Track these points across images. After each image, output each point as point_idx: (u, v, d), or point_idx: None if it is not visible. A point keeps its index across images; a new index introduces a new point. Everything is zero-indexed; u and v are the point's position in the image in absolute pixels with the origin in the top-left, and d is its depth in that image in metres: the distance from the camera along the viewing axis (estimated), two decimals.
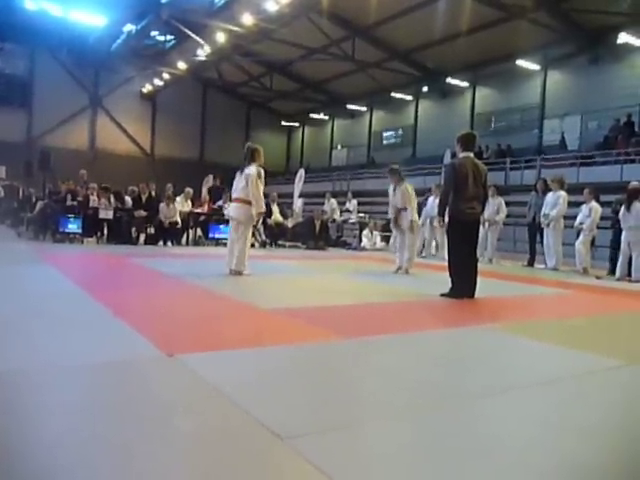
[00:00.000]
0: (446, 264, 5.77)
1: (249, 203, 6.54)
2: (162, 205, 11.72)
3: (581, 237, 9.48)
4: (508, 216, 11.50)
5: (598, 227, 9.68)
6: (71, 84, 27.44)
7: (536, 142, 20.03)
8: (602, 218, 9.65)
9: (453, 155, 18.66)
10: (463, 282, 5.48)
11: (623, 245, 8.55)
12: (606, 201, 10.02)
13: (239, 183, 6.61)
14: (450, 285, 5.56)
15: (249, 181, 6.44)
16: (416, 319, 4.56)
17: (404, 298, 5.60)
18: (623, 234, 8.55)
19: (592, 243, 9.80)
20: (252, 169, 6.51)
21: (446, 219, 5.63)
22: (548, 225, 9.71)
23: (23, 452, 1.70)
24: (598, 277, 8.76)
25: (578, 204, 9.93)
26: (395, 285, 6.61)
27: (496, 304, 5.68)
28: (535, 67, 19.86)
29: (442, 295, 5.50)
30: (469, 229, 5.59)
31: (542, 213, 9.83)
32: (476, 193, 5.55)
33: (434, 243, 12.09)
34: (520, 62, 19.51)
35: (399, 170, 8.19)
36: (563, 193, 9.64)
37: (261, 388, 2.44)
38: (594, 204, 9.43)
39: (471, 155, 5.68)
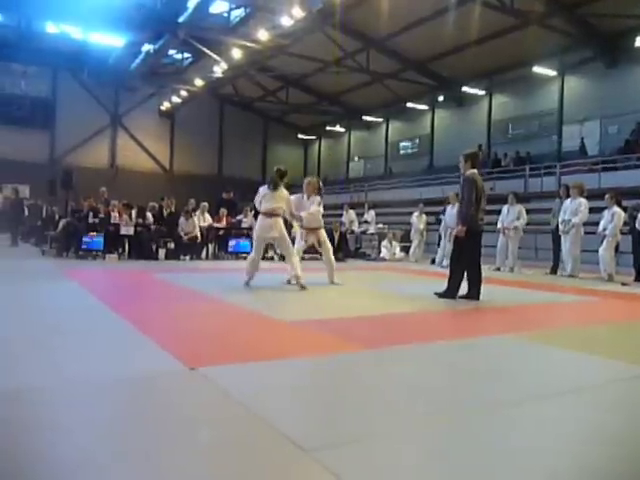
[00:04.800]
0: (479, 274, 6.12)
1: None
2: (181, 220, 11.84)
3: (605, 243, 9.30)
4: (528, 224, 11.33)
5: (621, 232, 9.49)
6: (92, 104, 28.05)
7: (555, 148, 19.83)
8: (625, 223, 9.47)
9: None
10: (472, 284, 6.02)
11: None
12: (629, 206, 9.85)
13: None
14: (447, 286, 6.04)
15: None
16: (437, 329, 4.52)
17: (424, 308, 5.56)
18: None
19: (616, 249, 9.61)
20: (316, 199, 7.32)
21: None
22: (568, 232, 9.56)
23: (48, 468, 1.72)
24: (624, 284, 8.57)
25: (600, 210, 9.77)
26: (415, 295, 6.56)
27: (519, 312, 5.60)
28: (552, 73, 19.71)
29: (436, 294, 6.04)
30: (479, 237, 6.23)
31: (560, 219, 9.68)
32: (484, 205, 6.22)
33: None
34: (536, 68, 19.38)
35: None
36: (584, 200, 9.49)
37: (282, 400, 2.44)
38: (616, 209, 9.26)
39: (476, 171, 6.27)
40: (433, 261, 12.80)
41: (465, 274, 6.08)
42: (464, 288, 6.05)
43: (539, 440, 2.03)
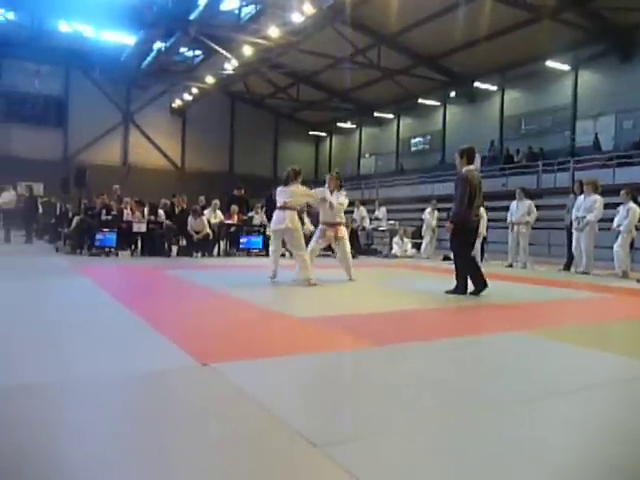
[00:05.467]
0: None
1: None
2: (190, 219, 11.84)
3: (619, 239, 9.20)
4: (538, 220, 11.22)
5: (637, 229, 9.37)
6: (104, 102, 28.26)
7: (569, 144, 19.62)
8: None
9: (482, 160, 18.45)
10: (475, 279, 6.07)
11: None
12: None
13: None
14: (456, 283, 6.09)
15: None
16: (448, 326, 4.50)
17: (435, 305, 5.54)
18: None
19: (631, 245, 9.50)
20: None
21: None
22: (582, 230, 9.45)
23: (57, 466, 1.74)
24: (639, 280, 8.47)
25: (614, 206, 9.65)
26: (426, 292, 6.54)
27: (532, 309, 5.55)
28: (565, 67, 19.48)
29: (447, 292, 6.07)
30: (474, 233, 6.37)
31: (574, 216, 9.57)
32: (480, 202, 6.28)
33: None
34: (550, 63, 19.15)
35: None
36: (598, 197, 9.37)
37: (294, 396, 2.44)
38: (632, 205, 9.15)
39: (472, 167, 6.33)
40: (444, 258, 12.74)
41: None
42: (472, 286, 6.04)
43: (548, 437, 2.01)
